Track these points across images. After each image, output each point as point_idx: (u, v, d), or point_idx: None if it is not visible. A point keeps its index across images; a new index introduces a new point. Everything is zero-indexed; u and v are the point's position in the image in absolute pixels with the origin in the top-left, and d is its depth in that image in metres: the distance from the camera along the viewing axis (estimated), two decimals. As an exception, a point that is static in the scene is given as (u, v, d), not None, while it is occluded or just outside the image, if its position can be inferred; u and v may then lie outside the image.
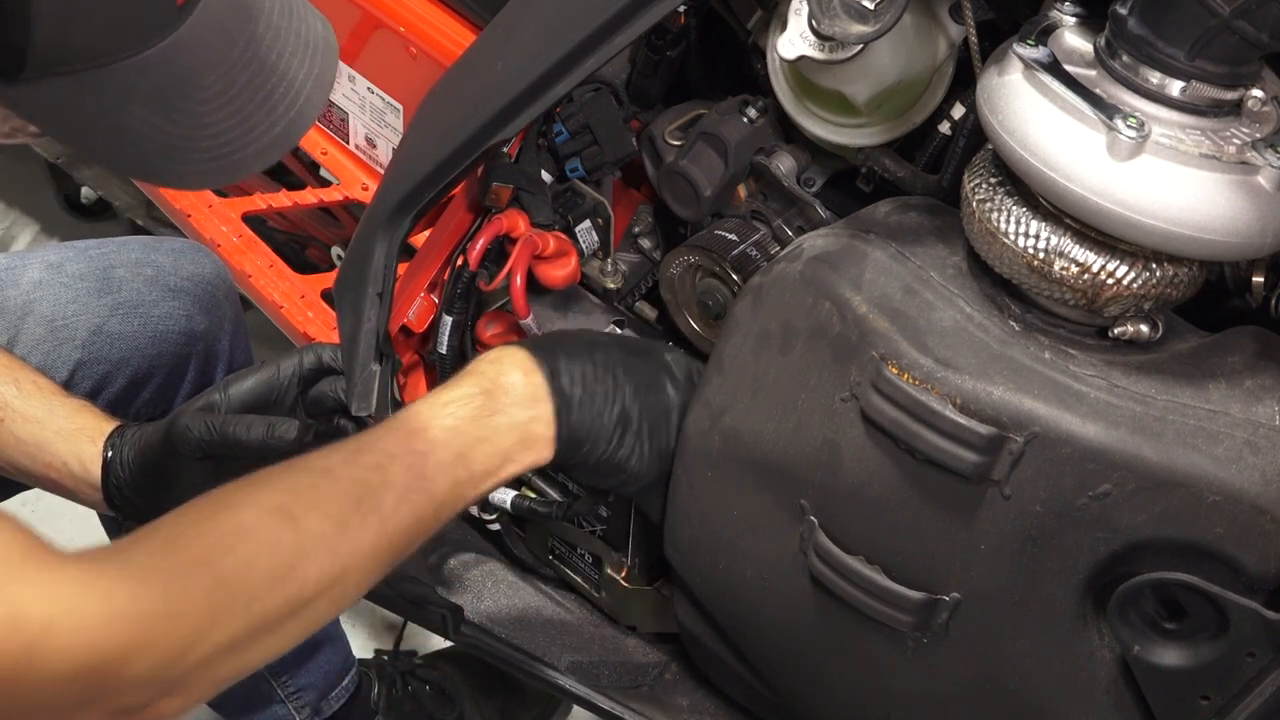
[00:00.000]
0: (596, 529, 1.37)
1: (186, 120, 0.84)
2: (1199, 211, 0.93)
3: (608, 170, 1.37)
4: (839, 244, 1.09)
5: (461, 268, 1.32)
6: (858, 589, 1.09)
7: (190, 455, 1.17)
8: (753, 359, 1.12)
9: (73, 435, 1.21)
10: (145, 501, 1.20)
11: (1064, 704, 1.06)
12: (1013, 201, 1.00)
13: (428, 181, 1.20)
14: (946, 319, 1.03)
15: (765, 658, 1.24)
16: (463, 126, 1.18)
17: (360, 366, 1.22)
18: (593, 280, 1.41)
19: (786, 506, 1.12)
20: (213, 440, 1.16)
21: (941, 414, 0.99)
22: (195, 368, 1.42)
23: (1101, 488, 0.97)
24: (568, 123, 1.32)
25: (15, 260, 1.39)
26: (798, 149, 1.30)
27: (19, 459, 1.21)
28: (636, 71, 1.34)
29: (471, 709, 1.74)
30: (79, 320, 1.36)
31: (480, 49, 1.29)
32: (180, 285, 1.42)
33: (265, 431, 1.16)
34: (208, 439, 1.16)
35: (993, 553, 1.02)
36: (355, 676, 1.64)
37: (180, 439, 1.17)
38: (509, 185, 1.30)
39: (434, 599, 1.35)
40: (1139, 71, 0.96)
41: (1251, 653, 0.97)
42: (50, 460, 1.20)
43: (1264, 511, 0.94)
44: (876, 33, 1.03)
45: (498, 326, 1.40)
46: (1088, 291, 0.99)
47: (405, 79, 1.64)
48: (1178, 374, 1.00)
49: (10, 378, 1.21)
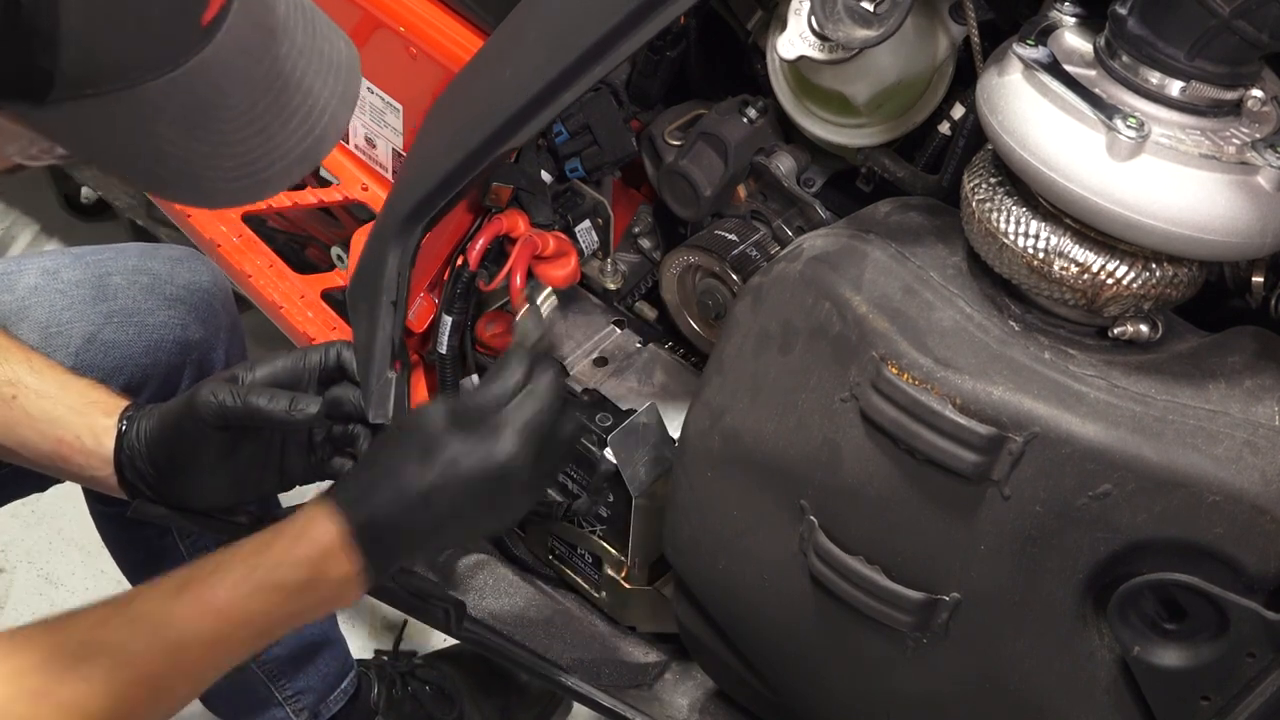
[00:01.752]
0: (596, 529, 1.37)
1: (211, 139, 0.85)
2: (1199, 211, 0.93)
3: (608, 170, 1.37)
4: (839, 244, 1.09)
5: (461, 268, 1.33)
6: (858, 589, 1.09)
7: (210, 423, 1.18)
8: (753, 359, 1.12)
9: (86, 409, 1.22)
10: (158, 474, 1.21)
11: (1064, 704, 1.06)
12: (1013, 201, 1.00)
13: (438, 190, 1.20)
14: (946, 319, 1.03)
15: (765, 658, 1.24)
16: (472, 135, 1.18)
17: (376, 374, 1.23)
18: (593, 280, 1.41)
19: (786, 506, 1.12)
20: (235, 408, 1.17)
21: (941, 414, 0.99)
22: (189, 377, 1.42)
23: (1101, 488, 0.97)
24: (568, 123, 1.32)
25: (11, 265, 1.39)
26: (798, 149, 1.30)
27: (30, 436, 1.21)
28: (636, 71, 1.34)
29: (471, 709, 1.74)
30: (73, 327, 1.36)
31: (487, 56, 1.29)
32: (176, 294, 1.42)
33: (288, 405, 1.16)
34: (230, 406, 1.17)
35: (993, 553, 1.02)
36: (354, 679, 1.64)
37: (203, 404, 1.18)
38: (509, 185, 1.30)
39: (437, 594, 1.35)
40: (1139, 71, 0.96)
41: (1252, 653, 0.97)
42: (62, 435, 1.21)
43: (1264, 511, 0.94)
44: (880, 37, 1.03)
45: (498, 326, 1.40)
46: (1088, 291, 0.99)
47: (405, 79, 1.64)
48: (1178, 374, 1.00)
49: (22, 357, 1.22)
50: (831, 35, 1.06)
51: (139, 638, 1.01)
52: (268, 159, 0.88)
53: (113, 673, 0.98)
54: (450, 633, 1.37)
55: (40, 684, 0.96)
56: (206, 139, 0.85)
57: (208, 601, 1.04)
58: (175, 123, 0.83)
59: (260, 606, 1.05)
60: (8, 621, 1.89)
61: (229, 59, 0.83)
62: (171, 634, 1.02)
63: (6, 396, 1.20)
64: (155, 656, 1.01)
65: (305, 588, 1.06)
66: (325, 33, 0.91)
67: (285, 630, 1.08)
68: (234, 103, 0.85)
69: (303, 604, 1.07)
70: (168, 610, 1.03)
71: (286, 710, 1.58)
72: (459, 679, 1.75)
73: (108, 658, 0.99)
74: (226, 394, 1.17)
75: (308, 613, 1.08)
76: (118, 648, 1.00)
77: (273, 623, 1.06)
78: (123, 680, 0.99)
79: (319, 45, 0.90)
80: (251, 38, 0.85)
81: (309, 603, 1.08)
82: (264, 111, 0.86)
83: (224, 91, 0.84)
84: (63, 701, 0.96)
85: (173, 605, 1.03)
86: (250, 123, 0.86)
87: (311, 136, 0.89)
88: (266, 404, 1.17)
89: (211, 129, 0.84)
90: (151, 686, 1.01)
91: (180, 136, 0.83)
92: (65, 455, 1.22)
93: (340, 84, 0.91)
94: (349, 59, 0.93)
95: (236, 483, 1.22)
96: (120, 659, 1.00)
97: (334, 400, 1.23)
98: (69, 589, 1.97)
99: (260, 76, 0.86)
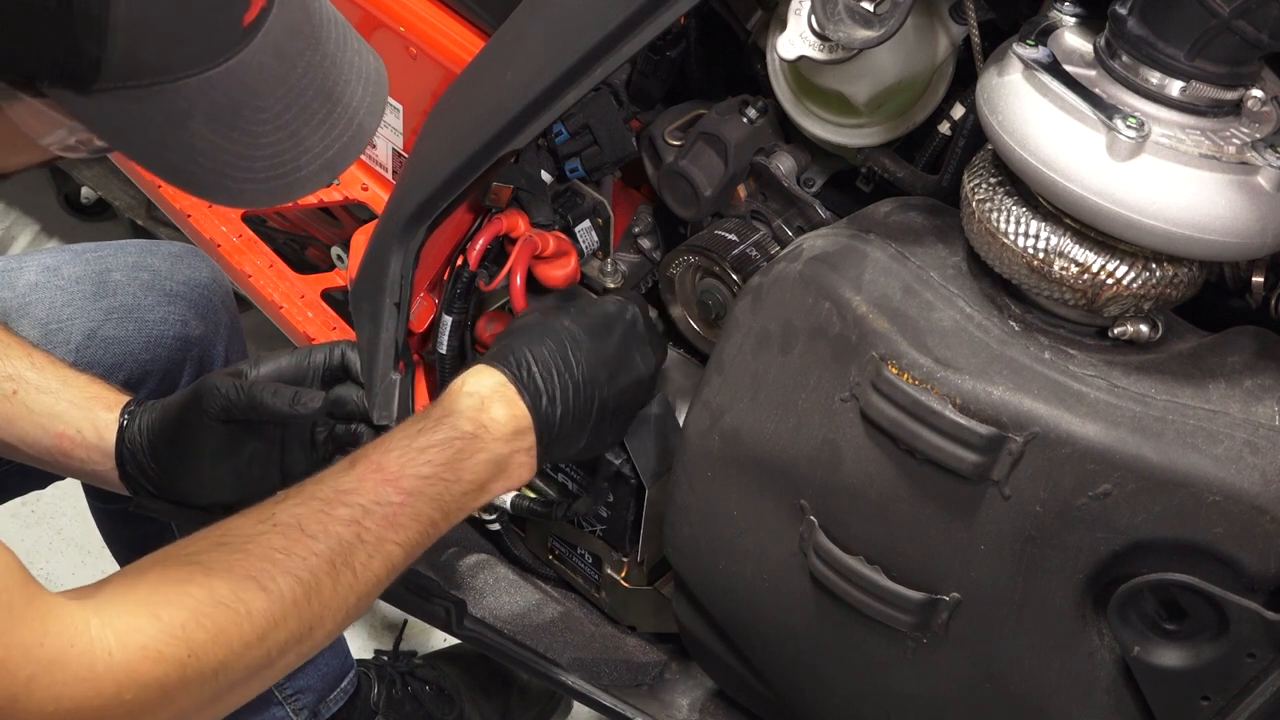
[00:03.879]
0: (596, 529, 1.37)
1: (243, 139, 0.86)
2: (1199, 211, 0.93)
3: (608, 170, 1.37)
4: (839, 244, 1.09)
5: (461, 267, 1.33)
6: (858, 589, 1.09)
7: (214, 416, 1.19)
8: (753, 359, 1.12)
9: (87, 404, 1.22)
10: (160, 467, 1.21)
11: (1064, 704, 1.06)
12: (1013, 201, 1.00)
13: (440, 192, 1.21)
14: (946, 319, 1.03)
15: (765, 658, 1.24)
16: (474, 137, 1.18)
17: (381, 376, 1.24)
18: (593, 280, 1.41)
19: (786, 506, 1.12)
20: (239, 401, 1.18)
21: (941, 414, 0.99)
22: (189, 373, 1.42)
23: (1101, 488, 0.97)
24: (568, 123, 1.32)
25: (11, 263, 1.40)
26: (798, 149, 1.30)
27: (30, 431, 1.22)
28: (636, 71, 1.34)
29: (471, 709, 1.74)
30: (73, 324, 1.36)
31: (488, 58, 1.29)
32: (176, 290, 1.42)
33: (291, 399, 1.18)
34: (234, 399, 1.18)
35: (993, 553, 1.02)
36: (354, 678, 1.64)
37: (208, 396, 1.19)
38: (509, 185, 1.30)
39: (438, 592, 1.35)
40: (1139, 71, 0.96)
41: (1252, 653, 0.97)
42: (63, 429, 1.21)
43: (1264, 511, 0.94)
44: (881, 38, 1.03)
45: (498, 326, 1.40)
46: (1088, 291, 0.99)
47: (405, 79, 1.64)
48: (1178, 374, 1.00)
49: (23, 353, 1.23)
50: (832, 36, 1.06)
51: (313, 518, 1.01)
52: (295, 163, 0.89)
53: (295, 560, 0.98)
54: (451, 631, 1.37)
55: (226, 591, 0.95)
56: (237, 139, 0.86)
57: (379, 466, 1.05)
58: (209, 121, 0.84)
59: (430, 470, 1.07)
60: (8, 621, 1.89)
61: (264, 61, 0.85)
62: (348, 503, 1.03)
63: (7, 392, 1.20)
64: (336, 531, 1.01)
65: (471, 442, 1.09)
66: (356, 45, 0.93)
67: (460, 503, 1.09)
68: (266, 105, 0.86)
69: (472, 466, 1.09)
70: (338, 484, 1.04)
71: (286, 709, 1.57)
72: (459, 679, 1.75)
73: (286, 541, 0.99)
74: (231, 387, 1.19)
75: (478, 476, 1.10)
76: (295, 529, 1.00)
77: (444, 490, 1.07)
78: (306, 565, 0.98)
79: (349, 56, 0.92)
80: (287, 43, 0.86)
81: (479, 463, 1.09)
82: (295, 116, 0.88)
83: (257, 93, 0.85)
84: (253, 609, 0.95)
85: (342, 479, 1.04)
86: (282, 126, 0.87)
87: (339, 144, 0.91)
88: (270, 398, 1.18)
89: (242, 129, 0.86)
90: (335, 564, 1.00)
91: (213, 134, 0.85)
92: (66, 450, 1.22)
93: (368, 95, 0.92)
94: (377, 71, 0.94)
95: (238, 479, 1.23)
96: (300, 543, 0.99)
97: (338, 400, 1.23)
98: (69, 589, 1.97)
99: (294, 81, 0.87)
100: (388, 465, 1.06)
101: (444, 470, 1.08)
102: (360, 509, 1.03)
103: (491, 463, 1.11)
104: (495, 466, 1.11)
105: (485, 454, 1.10)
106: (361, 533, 1.02)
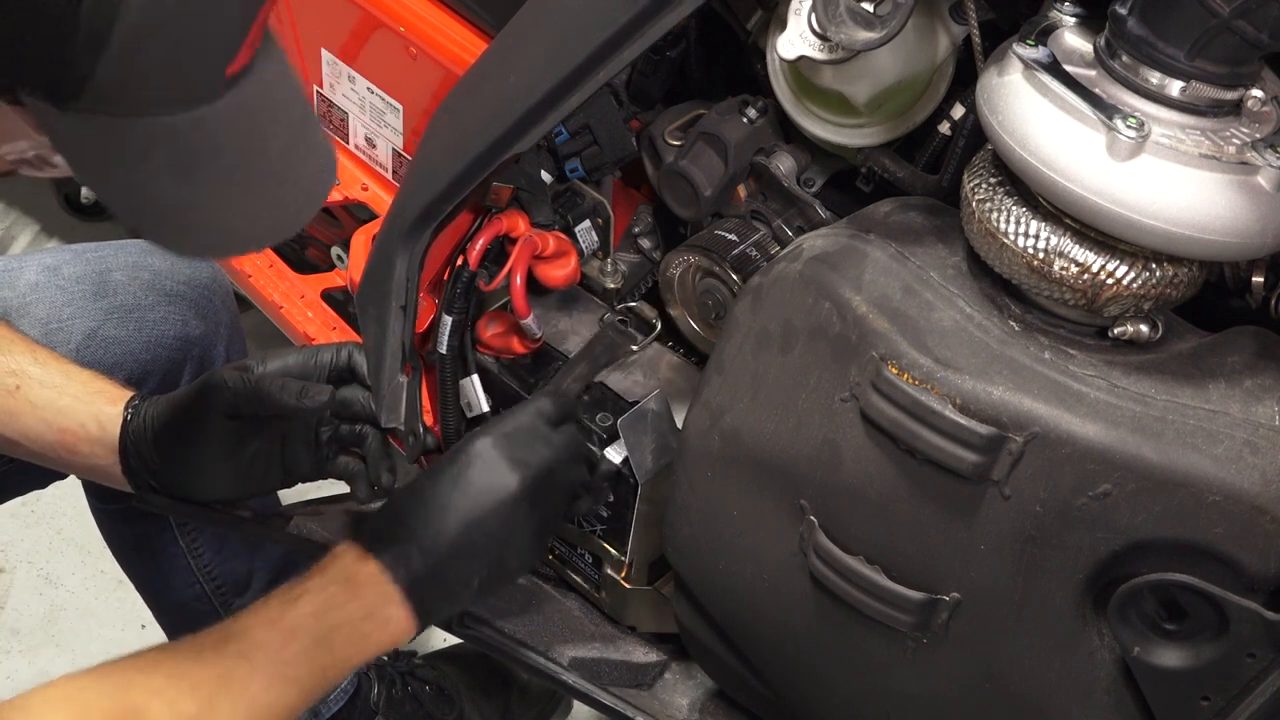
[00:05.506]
0: (596, 529, 1.37)
1: (194, 191, 0.86)
2: (1199, 211, 0.93)
3: (608, 170, 1.37)
4: (839, 244, 1.09)
5: (461, 267, 1.33)
6: (858, 589, 1.09)
7: (221, 410, 1.19)
8: (753, 359, 1.12)
9: (91, 398, 1.23)
10: (163, 461, 1.21)
11: (1064, 704, 1.06)
12: (1013, 201, 1.00)
13: (445, 195, 1.21)
14: (946, 319, 1.03)
15: (765, 658, 1.24)
16: (477, 140, 1.18)
17: (387, 379, 1.24)
18: (593, 280, 1.41)
19: (786, 506, 1.12)
20: (246, 394, 1.18)
21: (941, 414, 0.99)
22: (190, 373, 1.43)
23: (1101, 488, 0.97)
24: (568, 123, 1.32)
25: (12, 263, 1.40)
26: (798, 149, 1.30)
27: (33, 426, 1.22)
28: (636, 71, 1.34)
29: (471, 709, 1.74)
30: (74, 324, 1.36)
31: (490, 61, 1.29)
32: (176, 290, 1.42)
33: (298, 393, 1.18)
34: (242, 392, 1.19)
35: (993, 553, 1.02)
36: (354, 678, 1.64)
37: (214, 390, 1.19)
38: (509, 185, 1.30)
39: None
40: (1139, 71, 0.96)
41: (1252, 653, 0.97)
42: (66, 424, 1.22)
43: (1264, 511, 0.94)
44: (882, 39, 1.03)
45: (498, 326, 1.40)
46: (1088, 291, 0.99)
47: (405, 79, 1.64)
48: (1178, 374, 1.00)
49: (26, 349, 1.24)
50: (833, 37, 1.06)
51: None
52: (238, 221, 0.89)
53: None
54: (451, 630, 1.37)
55: None
56: (188, 189, 0.85)
57: None
58: (166, 165, 0.83)
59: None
60: (7, 621, 1.89)
61: (233, 117, 0.84)
62: None
63: (10, 387, 1.21)
64: None
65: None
66: (314, 122, 0.94)
67: None
68: (224, 159, 0.85)
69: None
70: None
71: (286, 710, 1.57)
72: (459, 679, 1.75)
73: None
74: (239, 380, 1.19)
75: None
76: None
77: None
78: None
79: (309, 133, 0.92)
80: (256, 104, 0.86)
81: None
82: (247, 175, 0.87)
83: (217, 149, 0.85)
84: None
85: None
86: (231, 185, 0.87)
87: (286, 212, 0.91)
88: (278, 391, 1.18)
89: (196, 179, 0.85)
90: None
91: (166, 179, 0.84)
92: (70, 444, 1.22)
93: (320, 171, 0.93)
94: (329, 155, 0.95)
95: (241, 476, 1.23)
96: None
97: (344, 400, 1.23)
98: (69, 589, 1.97)
99: (255, 140, 0.87)
100: (273, 609, 1.07)
101: (323, 612, 1.07)
102: (250, 644, 1.04)
103: (366, 612, 1.09)
104: (370, 617, 1.09)
105: (358, 602, 1.09)
106: (253, 665, 1.03)
